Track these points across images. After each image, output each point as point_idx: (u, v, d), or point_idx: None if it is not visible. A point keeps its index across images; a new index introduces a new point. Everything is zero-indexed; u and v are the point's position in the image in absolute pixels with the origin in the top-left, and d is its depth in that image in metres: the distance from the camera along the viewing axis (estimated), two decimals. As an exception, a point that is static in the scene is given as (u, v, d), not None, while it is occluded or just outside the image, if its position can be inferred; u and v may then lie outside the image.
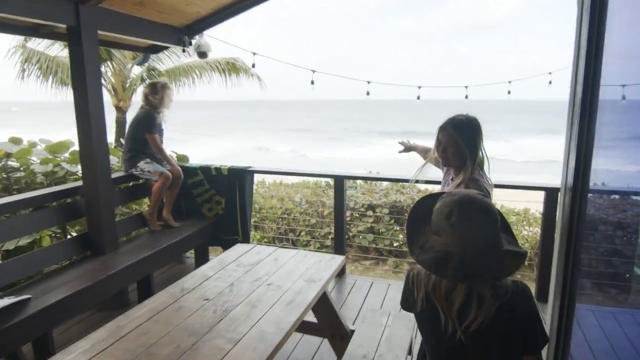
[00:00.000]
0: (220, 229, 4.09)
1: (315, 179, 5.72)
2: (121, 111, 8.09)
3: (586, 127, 1.53)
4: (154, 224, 3.75)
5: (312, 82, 4.17)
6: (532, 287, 3.50)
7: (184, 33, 3.87)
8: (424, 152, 2.46)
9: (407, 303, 1.33)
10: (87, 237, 3.18)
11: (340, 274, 3.90)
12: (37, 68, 7.10)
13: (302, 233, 8.11)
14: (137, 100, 8.50)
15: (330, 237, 7.74)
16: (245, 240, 4.05)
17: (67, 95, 7.69)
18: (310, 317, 2.46)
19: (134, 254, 3.24)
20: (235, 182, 3.96)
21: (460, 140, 1.92)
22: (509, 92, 5.10)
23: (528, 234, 6.24)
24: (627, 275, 1.78)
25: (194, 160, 4.45)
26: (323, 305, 2.33)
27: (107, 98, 8.09)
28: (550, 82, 4.98)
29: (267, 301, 1.90)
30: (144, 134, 3.64)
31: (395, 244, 7.54)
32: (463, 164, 1.93)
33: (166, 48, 4.16)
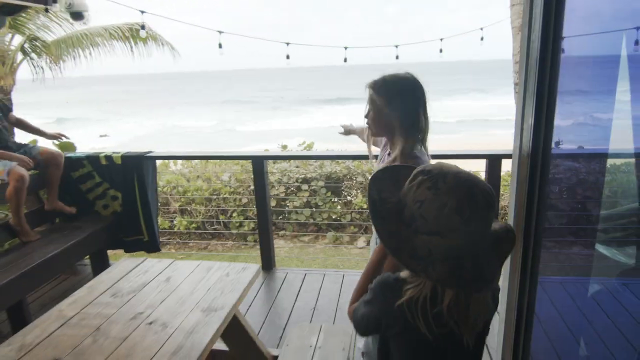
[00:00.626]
0: (120, 229, 3.39)
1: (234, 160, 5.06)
2: (4, 91, 6.79)
3: (547, 82, 1.33)
4: (26, 233, 2.97)
5: (288, 57, 3.53)
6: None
7: (42, -14, 3.00)
8: (362, 132, 2.07)
9: (388, 329, 1.00)
10: None
11: (268, 267, 3.39)
12: None
13: (234, 214, 7.58)
14: (22, 78, 7.23)
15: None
16: (152, 239, 3.39)
17: None
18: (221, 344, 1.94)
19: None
20: (132, 172, 3.25)
21: (381, 103, 1.55)
22: (440, 51, 4.75)
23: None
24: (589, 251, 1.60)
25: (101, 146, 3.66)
26: (235, 331, 1.82)
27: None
28: (482, 39, 4.69)
29: (143, 354, 1.34)
30: None
31: (333, 217, 7.20)
32: (393, 134, 1.58)
33: (24, 8, 3.24)
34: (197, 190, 7.47)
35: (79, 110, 40.73)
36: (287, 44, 3.81)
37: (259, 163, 3.05)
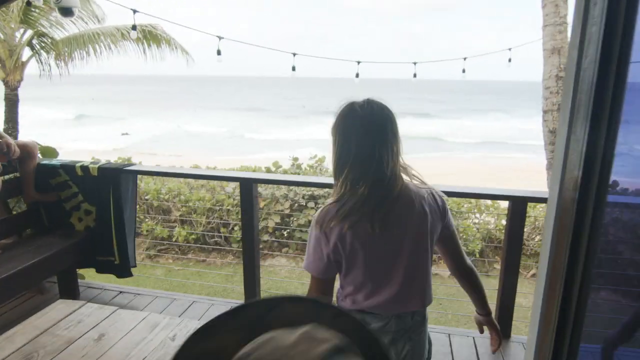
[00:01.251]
0: (92, 247, 3.06)
1: (233, 172, 4.67)
2: (10, 87, 6.65)
3: (606, 115, 1.02)
4: None
5: (294, 69, 3.33)
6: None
7: (26, -23, 2.74)
8: None
9: None
10: None
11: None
12: None
13: (236, 227, 7.29)
14: (30, 73, 7.08)
15: (266, 231, 6.88)
16: (124, 262, 3.03)
17: None
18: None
19: None
20: (108, 185, 2.92)
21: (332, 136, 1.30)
22: (463, 71, 4.36)
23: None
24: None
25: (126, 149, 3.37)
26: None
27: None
28: (510, 60, 4.28)
29: None
30: None
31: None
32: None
33: (7, 0, 2.97)
34: (199, 200, 7.20)
35: (96, 108, 41.42)
36: (294, 54, 3.48)
37: (247, 186, 2.69)
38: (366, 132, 1.23)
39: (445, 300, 4.84)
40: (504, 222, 4.29)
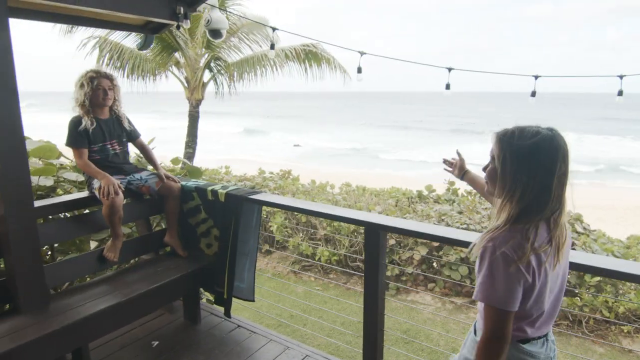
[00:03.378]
0: (214, 274, 2.96)
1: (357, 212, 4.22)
2: (193, 105, 7.55)
3: None
4: (110, 255, 2.77)
5: (448, 87, 3.14)
6: None
7: (177, 2, 2.79)
8: (474, 182, 1.91)
9: None
10: (4, 286, 2.31)
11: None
12: (109, 58, 6.85)
13: None
14: (210, 91, 7.95)
15: (410, 262, 6.25)
16: (229, 298, 2.86)
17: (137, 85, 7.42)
18: None
19: (64, 315, 2.29)
20: (231, 213, 2.78)
21: (498, 160, 1.31)
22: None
23: None
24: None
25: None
26: None
27: (180, 89, 7.65)
28: None
29: None
30: None
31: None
32: (502, 199, 1.30)
33: (167, 26, 3.12)
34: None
35: (261, 122, 46.09)
36: (449, 69, 2.87)
37: (373, 233, 2.19)
38: (565, 172, 1.26)
39: None
40: None
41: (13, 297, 2.28)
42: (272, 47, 3.01)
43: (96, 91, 2.75)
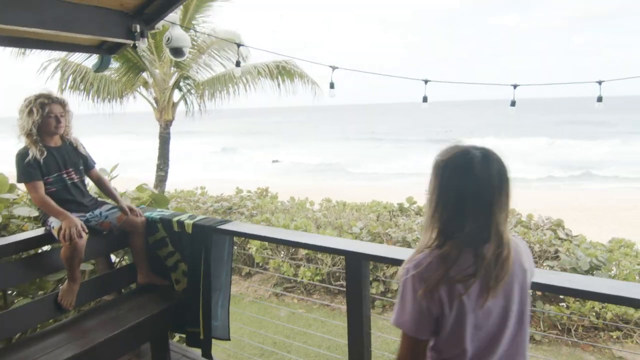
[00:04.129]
0: (184, 313, 2.70)
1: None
2: (163, 126, 7.28)
3: None
4: (67, 300, 2.49)
5: (425, 100, 2.92)
6: None
7: (133, 20, 2.58)
8: None
9: None
10: None
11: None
12: (72, 80, 6.54)
13: None
14: (180, 110, 7.70)
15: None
16: (207, 339, 2.60)
17: (102, 107, 7.10)
18: None
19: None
20: (200, 246, 2.54)
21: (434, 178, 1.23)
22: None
23: None
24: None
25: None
26: None
27: (150, 110, 7.37)
28: None
29: None
30: None
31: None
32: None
33: (123, 45, 2.90)
34: (325, 239, 6.77)
35: (235, 139, 45.67)
36: (426, 81, 2.74)
37: (354, 262, 2.00)
38: (479, 195, 1.15)
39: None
40: None
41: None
42: (238, 64, 2.83)
43: (47, 119, 2.49)
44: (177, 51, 2.89)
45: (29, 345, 2.27)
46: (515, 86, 2.89)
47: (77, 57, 6.62)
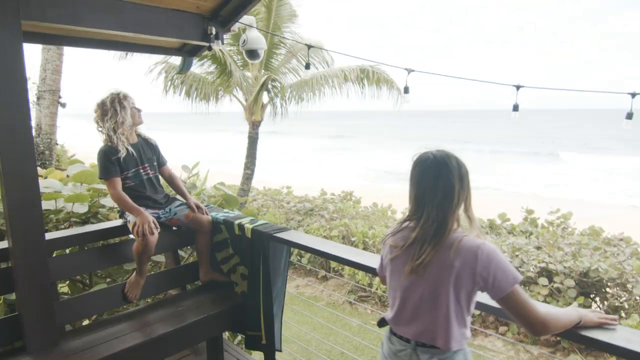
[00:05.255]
0: (243, 316, 2.66)
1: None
2: (252, 126, 7.53)
3: None
4: (132, 293, 2.58)
5: (516, 108, 2.76)
6: None
7: (209, 22, 2.61)
8: None
9: None
10: (16, 321, 2.20)
11: None
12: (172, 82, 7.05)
13: None
14: (270, 112, 7.89)
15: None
16: (270, 343, 2.52)
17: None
18: None
19: (73, 358, 2.12)
20: (259, 251, 2.48)
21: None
22: None
23: None
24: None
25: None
26: None
27: (241, 110, 7.68)
28: None
29: None
30: None
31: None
32: None
33: (202, 48, 2.97)
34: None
35: (327, 142, 45.84)
36: (517, 87, 2.40)
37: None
38: (425, 178, 1.41)
39: None
40: None
41: (25, 335, 2.16)
42: (307, 66, 2.74)
43: (133, 111, 2.63)
44: (252, 53, 2.88)
45: (90, 331, 2.38)
46: (633, 95, 2.41)
47: (178, 60, 7.13)
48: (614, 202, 17.95)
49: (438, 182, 1.37)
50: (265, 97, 7.38)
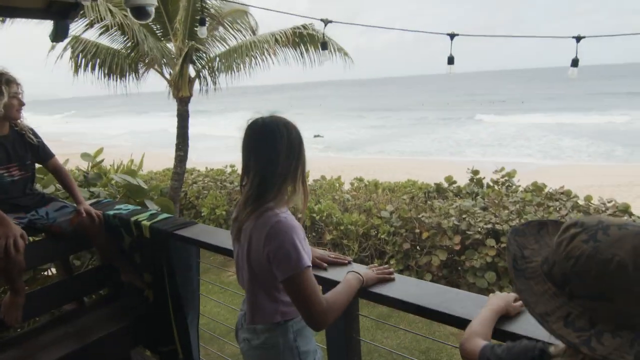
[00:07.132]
0: (154, 329, 2.24)
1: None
2: (182, 102, 6.83)
3: None
4: (11, 316, 2.08)
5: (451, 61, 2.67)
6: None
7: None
8: None
9: None
10: None
11: None
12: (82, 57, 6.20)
13: (392, 261, 6.13)
14: (198, 88, 7.21)
15: (428, 270, 5.48)
16: (189, 356, 2.13)
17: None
18: None
19: None
20: (161, 252, 2.04)
21: None
22: None
23: None
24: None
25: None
26: None
27: (166, 88, 6.97)
28: None
29: None
30: None
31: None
32: None
33: (75, 8, 2.37)
34: (351, 224, 6.24)
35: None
36: (451, 36, 2.04)
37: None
38: (250, 144, 1.31)
39: None
40: None
41: None
42: (203, 22, 2.23)
43: (12, 100, 2.06)
44: (139, 11, 2.34)
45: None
46: (578, 39, 2.15)
47: (88, 34, 6.28)
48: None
49: (262, 149, 1.28)
50: (192, 71, 6.70)
